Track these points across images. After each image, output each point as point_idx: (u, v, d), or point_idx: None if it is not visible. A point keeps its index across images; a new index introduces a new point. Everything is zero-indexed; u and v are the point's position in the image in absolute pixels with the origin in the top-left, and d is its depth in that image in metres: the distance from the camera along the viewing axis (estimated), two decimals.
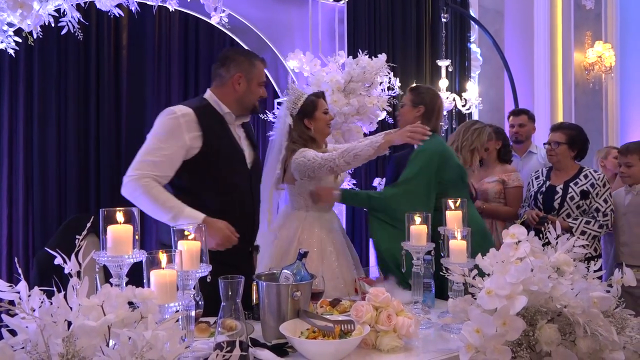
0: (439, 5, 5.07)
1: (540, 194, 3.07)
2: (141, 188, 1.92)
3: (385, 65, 3.59)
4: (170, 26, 4.22)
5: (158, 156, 1.97)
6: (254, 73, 2.16)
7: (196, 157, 2.03)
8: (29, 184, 3.76)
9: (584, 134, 3.13)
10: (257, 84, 2.18)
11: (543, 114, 6.37)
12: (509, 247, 1.47)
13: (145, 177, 1.94)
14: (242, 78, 2.13)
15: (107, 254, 1.30)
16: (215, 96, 2.14)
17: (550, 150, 3.06)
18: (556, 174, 3.08)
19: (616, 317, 1.44)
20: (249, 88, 2.15)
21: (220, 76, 2.16)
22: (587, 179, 2.98)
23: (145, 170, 1.95)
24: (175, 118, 2.01)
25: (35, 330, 0.96)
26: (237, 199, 2.10)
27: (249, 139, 2.26)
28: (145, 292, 1.07)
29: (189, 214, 1.92)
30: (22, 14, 2.54)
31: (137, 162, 1.98)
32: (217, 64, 2.19)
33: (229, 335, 1.36)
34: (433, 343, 1.62)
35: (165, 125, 2.02)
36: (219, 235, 1.92)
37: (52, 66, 3.80)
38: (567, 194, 2.97)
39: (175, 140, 1.99)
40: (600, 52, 6.60)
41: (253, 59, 2.19)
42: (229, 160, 2.10)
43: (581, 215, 2.94)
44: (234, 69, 2.13)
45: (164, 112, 2.06)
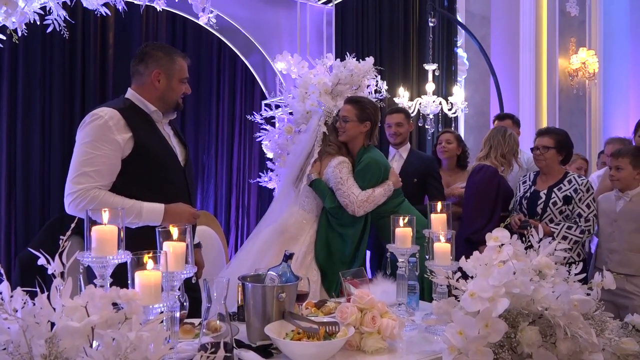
0: (426, 10, 5.12)
1: (524, 198, 3.07)
2: (93, 201, 1.84)
3: (372, 68, 3.60)
4: (157, 26, 4.20)
5: (97, 164, 1.88)
6: (174, 69, 2.07)
7: (128, 158, 1.94)
8: (11, 182, 3.72)
9: (570, 139, 3.15)
10: (178, 81, 2.08)
11: (528, 118, 6.46)
12: (492, 250, 1.49)
13: (90, 189, 1.86)
14: (162, 75, 2.04)
15: (91, 255, 1.29)
16: (138, 94, 2.05)
17: (539, 154, 3.04)
18: (542, 178, 3.08)
19: (596, 319, 1.46)
20: (170, 85, 2.06)
21: (139, 73, 2.07)
22: (570, 184, 2.97)
23: (88, 183, 1.86)
24: (103, 122, 1.91)
25: (17, 331, 0.95)
26: (173, 197, 2.02)
27: (177, 136, 2.19)
28: (130, 293, 1.06)
29: (150, 209, 1.92)
30: (6, 11, 2.52)
31: (76, 175, 1.88)
32: (136, 60, 2.08)
33: (214, 337, 1.35)
34: (417, 345, 1.63)
35: (94, 130, 1.90)
36: (184, 217, 1.94)
37: (36, 64, 3.76)
38: (550, 199, 2.96)
39: (108, 144, 1.90)
40: (584, 58, 6.71)
41: (173, 55, 2.09)
42: (162, 160, 2.02)
43: (564, 221, 2.93)
44: (152, 65, 2.04)
45: (87, 118, 1.95)
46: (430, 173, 3.33)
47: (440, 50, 5.66)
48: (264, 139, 3.71)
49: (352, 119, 2.74)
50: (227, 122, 4.72)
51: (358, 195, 2.62)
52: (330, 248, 2.72)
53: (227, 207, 4.72)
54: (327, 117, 2.87)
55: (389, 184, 2.69)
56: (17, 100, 3.72)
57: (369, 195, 2.63)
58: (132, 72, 2.10)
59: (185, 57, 2.14)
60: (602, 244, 2.95)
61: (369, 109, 2.77)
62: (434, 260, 1.78)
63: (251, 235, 2.91)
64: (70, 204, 1.88)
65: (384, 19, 5.28)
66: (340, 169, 2.68)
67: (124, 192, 1.94)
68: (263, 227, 2.84)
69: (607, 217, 2.93)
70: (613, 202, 2.92)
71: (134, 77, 2.09)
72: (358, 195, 2.62)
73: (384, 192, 2.67)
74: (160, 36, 4.21)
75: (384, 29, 5.28)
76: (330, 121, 2.85)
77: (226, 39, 4.05)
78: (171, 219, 1.89)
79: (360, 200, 2.61)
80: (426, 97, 4.98)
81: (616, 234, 2.86)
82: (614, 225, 2.88)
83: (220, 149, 4.71)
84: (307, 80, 3.57)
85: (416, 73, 5.48)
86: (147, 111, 2.05)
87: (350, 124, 2.74)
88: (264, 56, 4.07)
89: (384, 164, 2.75)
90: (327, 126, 2.85)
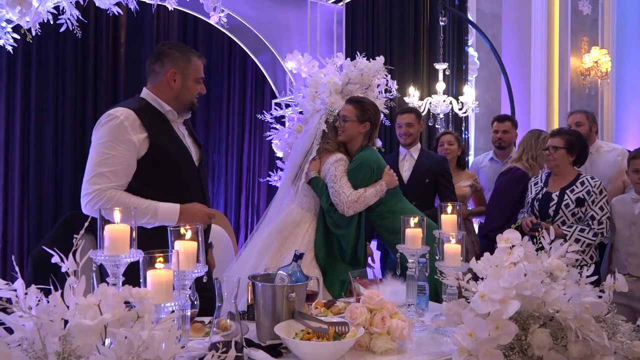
0: (437, 9, 5.09)
1: (536, 200, 3.04)
2: (109, 201, 1.85)
3: (382, 67, 3.59)
4: (168, 25, 4.22)
5: (113, 165, 1.88)
6: (190, 69, 2.07)
7: (144, 158, 1.95)
8: (24, 180, 3.76)
9: (583, 140, 3.10)
10: (193, 80, 2.08)
11: (539, 118, 6.41)
12: (503, 251, 1.48)
13: (106, 190, 1.86)
14: (177, 74, 2.04)
15: (104, 254, 1.31)
16: (153, 94, 2.05)
17: (549, 155, 3.01)
18: (554, 179, 3.04)
19: (608, 322, 1.45)
20: (185, 84, 2.06)
21: (155, 72, 2.06)
22: (583, 186, 2.92)
23: (104, 183, 1.86)
24: (119, 122, 1.91)
25: (32, 328, 0.96)
26: (188, 197, 2.03)
27: (192, 136, 2.20)
28: (142, 291, 1.07)
29: (165, 209, 1.93)
30: (21, 10, 2.54)
31: (92, 176, 1.88)
32: (152, 59, 2.08)
33: (224, 336, 1.36)
34: (426, 346, 1.63)
35: (110, 131, 1.90)
36: (199, 217, 1.96)
37: (50, 63, 3.80)
38: (563, 201, 2.92)
39: (124, 144, 1.90)
40: (596, 57, 6.64)
41: (189, 55, 2.08)
42: (177, 160, 2.02)
43: (576, 223, 2.89)
44: (168, 64, 2.04)
45: (103, 119, 1.94)
46: (442, 173, 3.34)
47: (450, 49, 5.64)
48: (274, 138, 3.72)
49: (352, 119, 2.72)
50: (238, 121, 4.74)
51: (349, 195, 2.59)
52: (328, 248, 2.71)
53: (237, 206, 4.74)
54: (329, 115, 2.87)
55: (382, 184, 2.66)
56: (31, 98, 3.76)
57: (360, 196, 2.61)
58: (147, 70, 2.10)
59: (201, 57, 2.14)
60: (619, 247, 2.88)
61: (370, 110, 2.76)
62: (444, 261, 1.78)
63: (253, 235, 2.92)
64: (87, 204, 1.89)
65: (394, 18, 5.26)
66: (336, 166, 2.66)
67: (139, 192, 1.94)
68: (264, 225, 2.85)
69: (624, 219, 2.86)
70: (630, 205, 2.85)
71: (149, 76, 2.09)
72: (349, 195, 2.59)
73: (375, 192, 2.64)
74: (172, 35, 4.23)
75: (394, 28, 5.26)
76: (331, 119, 2.85)
77: (237, 38, 4.07)
78: (186, 219, 1.91)
79: (351, 200, 2.59)
80: (436, 96, 4.96)
81: (635, 237, 2.79)
82: (632, 228, 2.81)
83: (231, 147, 4.73)
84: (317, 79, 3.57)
85: (426, 72, 5.46)
86: (162, 111, 2.05)
87: (349, 123, 2.73)
88: (274, 55, 4.08)
89: (376, 162, 2.71)
90: (327, 124, 2.85)
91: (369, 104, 2.81)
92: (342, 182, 2.62)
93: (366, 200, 2.62)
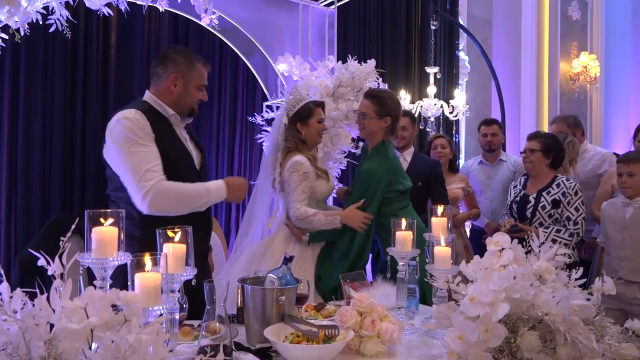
0: (428, 13, 5.12)
1: (514, 202, 3.11)
2: (167, 191, 1.90)
3: (374, 70, 3.61)
4: (159, 26, 4.20)
5: (152, 159, 1.92)
6: (192, 75, 2.07)
7: None
8: (12, 181, 3.72)
9: (560, 143, 3.17)
10: (195, 87, 2.08)
11: (529, 122, 6.46)
12: (493, 254, 1.49)
13: (159, 182, 1.89)
14: (179, 79, 2.05)
15: (91, 256, 1.29)
16: (156, 97, 2.06)
17: (526, 157, 3.10)
18: (531, 182, 3.11)
19: (596, 325, 1.46)
20: (186, 90, 2.07)
21: (158, 75, 2.07)
22: (559, 187, 2.98)
23: (154, 178, 1.89)
24: (135, 120, 1.92)
25: (16, 332, 0.94)
26: None
27: (193, 140, 2.21)
28: (130, 295, 1.06)
29: (214, 186, 2.04)
30: (9, 10, 2.52)
31: (142, 175, 1.88)
32: (156, 62, 2.09)
33: (213, 339, 1.35)
34: (416, 349, 1.63)
35: (129, 130, 1.91)
36: (243, 187, 2.11)
37: (38, 64, 3.77)
38: (539, 203, 2.99)
39: (149, 138, 1.93)
40: (585, 62, 6.71)
41: (194, 61, 2.08)
42: (179, 163, 2.03)
43: (553, 224, 2.95)
44: (171, 68, 2.04)
45: (119, 121, 1.94)
46: (435, 177, 3.33)
47: (442, 53, 5.67)
48: (265, 140, 3.71)
49: (371, 115, 2.55)
50: (229, 123, 4.72)
51: (296, 210, 2.44)
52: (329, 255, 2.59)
53: (227, 209, 4.72)
54: (290, 109, 2.58)
55: (338, 219, 2.45)
56: (19, 99, 3.73)
57: (308, 217, 2.43)
58: (151, 73, 2.10)
59: (207, 64, 2.14)
60: (611, 251, 2.89)
61: (389, 103, 2.57)
62: (434, 264, 1.78)
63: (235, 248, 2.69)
64: (149, 203, 1.89)
65: (386, 22, 5.28)
66: (290, 173, 2.46)
67: None
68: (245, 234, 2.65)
69: (615, 224, 2.87)
70: (621, 209, 2.85)
71: (152, 78, 2.10)
72: (296, 210, 2.44)
73: (326, 222, 2.45)
74: (163, 37, 4.21)
75: (385, 31, 5.28)
76: (291, 113, 2.57)
77: (228, 40, 4.05)
78: (233, 192, 2.06)
79: (297, 215, 2.44)
80: (427, 100, 4.98)
81: (627, 241, 2.79)
82: (624, 232, 2.81)
83: (221, 149, 4.71)
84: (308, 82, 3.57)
85: (418, 76, 5.48)
86: (166, 114, 2.06)
87: (368, 120, 2.56)
88: (265, 57, 4.07)
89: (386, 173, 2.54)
90: (288, 118, 2.57)
91: (388, 97, 2.62)
92: (296, 193, 2.45)
93: (312, 224, 2.46)
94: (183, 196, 1.94)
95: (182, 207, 1.95)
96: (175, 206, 1.93)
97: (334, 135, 3.70)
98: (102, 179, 4.05)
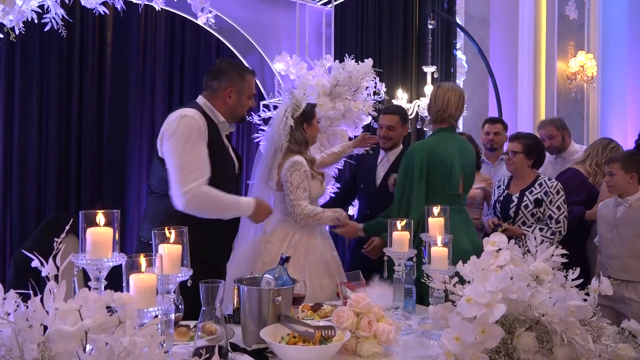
0: (425, 12, 5.11)
1: (498, 202, 3.16)
2: (206, 196, 2.00)
3: (371, 70, 3.61)
4: (156, 25, 4.18)
5: (200, 162, 2.01)
6: (245, 87, 2.23)
7: None
8: (7, 182, 3.70)
9: (541, 144, 3.25)
10: (247, 97, 2.24)
11: (526, 121, 6.46)
12: (490, 255, 1.48)
13: (201, 186, 1.99)
14: (234, 92, 2.19)
15: (85, 257, 1.28)
16: (210, 104, 2.19)
17: (508, 159, 3.14)
18: (515, 182, 3.16)
19: (592, 325, 1.46)
20: (240, 101, 2.22)
21: (212, 88, 2.20)
22: (541, 187, 3.03)
23: (199, 180, 1.99)
24: (195, 120, 2.04)
25: (9, 334, 0.94)
26: None
27: (233, 149, 2.33)
28: (124, 296, 1.05)
29: (246, 202, 2.18)
30: (4, 9, 2.50)
31: (187, 174, 1.98)
32: (210, 76, 2.22)
33: (209, 340, 1.35)
34: (413, 349, 1.62)
35: (189, 128, 2.02)
36: (267, 211, 2.23)
37: (34, 63, 3.74)
38: (522, 202, 3.03)
39: (202, 140, 2.04)
40: (582, 62, 6.71)
41: (244, 73, 2.24)
42: (222, 167, 2.14)
43: (536, 223, 2.99)
44: (225, 82, 2.19)
45: (178, 117, 2.04)
46: None
47: (439, 52, 5.66)
48: (262, 139, 3.71)
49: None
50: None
51: (304, 208, 2.47)
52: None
53: None
54: (295, 110, 2.60)
55: (341, 214, 2.58)
56: (14, 98, 3.70)
57: (316, 214, 2.49)
58: (204, 85, 2.23)
59: (254, 73, 2.31)
60: (602, 250, 2.97)
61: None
62: (430, 264, 1.78)
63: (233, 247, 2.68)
64: (189, 202, 1.99)
65: (383, 21, 5.27)
66: (291, 172, 2.48)
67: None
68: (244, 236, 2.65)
69: (607, 223, 2.94)
70: (613, 209, 2.93)
71: (205, 90, 2.23)
72: (304, 208, 2.47)
73: (332, 217, 2.56)
74: (159, 36, 4.19)
75: (383, 30, 5.27)
76: (296, 114, 2.59)
77: (225, 39, 4.04)
78: (257, 213, 2.20)
79: (305, 214, 2.47)
80: (425, 99, 4.97)
81: (616, 240, 2.86)
82: (614, 232, 2.88)
83: None
84: (305, 81, 3.57)
85: (415, 75, 5.47)
86: (216, 121, 2.17)
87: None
88: (262, 57, 4.06)
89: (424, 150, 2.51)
90: (294, 119, 2.58)
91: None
92: (297, 192, 2.47)
93: (321, 220, 2.52)
94: (217, 204, 2.06)
95: (212, 213, 2.06)
96: (208, 211, 2.05)
97: (330, 134, 3.69)
98: (98, 179, 4.04)
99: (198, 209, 2.01)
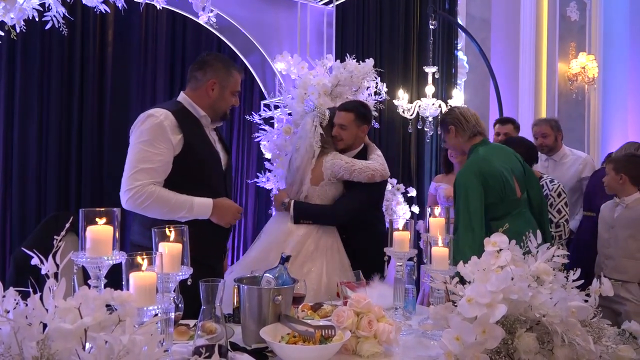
0: (427, 12, 5.10)
1: None
2: (150, 196, 1.95)
3: (372, 70, 3.60)
4: (157, 24, 4.18)
5: (154, 162, 1.98)
6: (229, 82, 2.19)
7: (176, 159, 2.04)
8: (7, 180, 3.70)
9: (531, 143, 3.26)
10: (230, 93, 2.21)
11: (527, 122, 6.43)
12: (490, 255, 1.48)
13: (147, 185, 1.95)
14: (217, 85, 2.16)
15: (85, 255, 1.28)
16: (190, 99, 2.16)
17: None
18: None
19: (593, 326, 1.45)
20: (222, 95, 2.18)
21: (196, 79, 2.17)
22: (542, 189, 2.99)
23: (146, 179, 1.96)
24: (159, 121, 2.00)
25: (8, 332, 0.93)
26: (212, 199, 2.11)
27: (222, 142, 2.30)
28: (124, 294, 1.05)
29: (200, 203, 2.04)
30: (5, 7, 2.50)
31: (134, 172, 1.96)
32: (195, 67, 2.20)
33: (209, 339, 1.34)
34: (413, 349, 1.62)
35: (151, 129, 2.00)
36: (230, 212, 2.10)
37: (35, 61, 3.74)
38: None
39: (164, 143, 2.00)
40: (583, 63, 6.71)
41: (231, 68, 2.21)
42: (206, 163, 2.12)
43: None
44: (210, 74, 2.16)
45: (143, 117, 2.04)
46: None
47: (440, 52, 5.66)
48: (263, 139, 3.70)
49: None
50: (226, 121, 4.70)
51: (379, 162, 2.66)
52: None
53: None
54: (322, 118, 2.77)
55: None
56: (15, 96, 3.70)
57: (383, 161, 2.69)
58: (189, 76, 2.21)
59: (241, 71, 2.28)
60: (599, 249, 2.98)
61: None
62: (431, 264, 1.77)
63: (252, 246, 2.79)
64: (129, 199, 1.96)
65: (384, 21, 5.27)
66: (340, 157, 2.67)
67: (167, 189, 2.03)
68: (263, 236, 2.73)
69: (605, 223, 2.96)
70: (612, 209, 2.95)
71: (189, 81, 2.20)
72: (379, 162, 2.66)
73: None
74: (160, 34, 4.19)
75: (384, 30, 5.27)
76: (324, 122, 2.77)
77: (226, 39, 4.04)
78: (218, 214, 2.07)
79: (380, 163, 2.66)
80: (426, 99, 4.97)
81: (612, 241, 2.89)
82: (610, 232, 2.91)
83: None
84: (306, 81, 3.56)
85: (416, 75, 5.47)
86: (197, 115, 2.15)
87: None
88: (263, 56, 4.06)
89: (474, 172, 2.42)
90: (322, 127, 2.76)
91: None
92: (357, 161, 2.65)
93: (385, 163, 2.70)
94: (162, 205, 1.99)
95: (158, 214, 2.00)
96: (152, 211, 1.99)
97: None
98: (98, 177, 4.04)
99: (141, 208, 1.96)
